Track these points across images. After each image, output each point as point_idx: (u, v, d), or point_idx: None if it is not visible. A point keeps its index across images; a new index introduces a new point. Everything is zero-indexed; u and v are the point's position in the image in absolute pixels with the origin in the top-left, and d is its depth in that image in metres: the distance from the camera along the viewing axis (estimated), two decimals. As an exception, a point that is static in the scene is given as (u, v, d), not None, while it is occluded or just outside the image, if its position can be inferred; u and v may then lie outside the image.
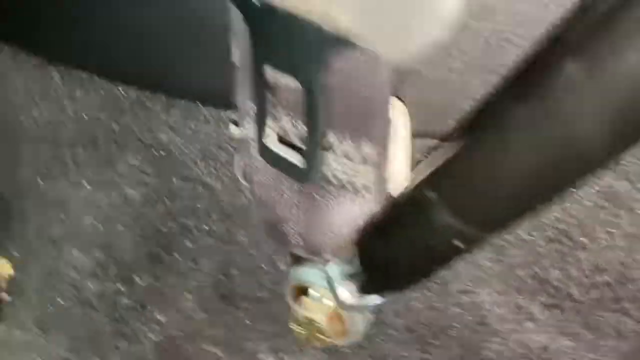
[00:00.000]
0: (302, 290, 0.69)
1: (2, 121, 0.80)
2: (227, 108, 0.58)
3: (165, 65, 0.55)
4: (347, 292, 0.59)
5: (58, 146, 0.77)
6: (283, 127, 0.47)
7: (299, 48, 0.39)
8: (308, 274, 0.66)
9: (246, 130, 0.54)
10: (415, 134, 0.53)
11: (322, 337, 0.64)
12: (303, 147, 0.47)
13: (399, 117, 0.50)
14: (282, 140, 0.48)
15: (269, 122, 0.46)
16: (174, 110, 0.67)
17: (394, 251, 0.49)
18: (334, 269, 0.60)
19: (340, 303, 0.59)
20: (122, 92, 0.68)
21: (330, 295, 0.65)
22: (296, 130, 0.46)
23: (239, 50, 0.48)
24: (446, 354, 0.67)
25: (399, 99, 0.50)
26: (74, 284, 0.71)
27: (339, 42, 0.36)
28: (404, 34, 0.33)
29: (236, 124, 0.55)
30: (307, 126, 0.44)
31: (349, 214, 0.55)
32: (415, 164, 0.53)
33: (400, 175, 0.53)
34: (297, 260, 0.69)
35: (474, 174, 0.39)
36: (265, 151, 0.49)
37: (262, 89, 0.45)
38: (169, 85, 0.61)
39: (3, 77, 0.76)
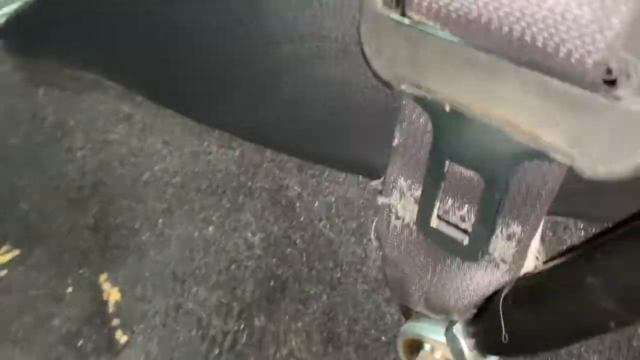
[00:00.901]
0: (414, 344, 0.75)
1: (132, 164, 0.88)
2: (363, 175, 0.65)
3: (324, 138, 0.63)
4: (470, 352, 0.64)
5: (184, 191, 0.85)
6: (446, 209, 0.53)
7: (486, 152, 0.44)
8: (426, 329, 0.72)
9: (391, 200, 0.60)
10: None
11: (434, 387, 0.69)
12: (466, 227, 0.52)
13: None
14: (441, 218, 0.54)
15: (435, 205, 0.52)
16: (306, 170, 0.74)
17: (531, 324, 0.54)
18: (459, 329, 0.65)
19: (460, 358, 0.65)
20: (259, 150, 0.76)
21: (446, 351, 0.71)
22: (460, 212, 0.52)
23: (403, 136, 0.55)
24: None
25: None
26: (199, 320, 0.77)
27: (534, 153, 0.41)
28: (619, 158, 0.36)
29: (381, 192, 0.62)
30: (480, 212, 0.49)
31: (481, 282, 0.60)
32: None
33: (533, 250, 0.59)
34: (411, 314, 0.75)
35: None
36: (424, 228, 0.55)
37: (435, 176, 0.51)
38: (311, 153, 0.68)
39: (142, 130, 0.84)
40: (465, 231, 0.53)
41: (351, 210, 0.73)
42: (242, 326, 0.78)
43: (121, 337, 0.86)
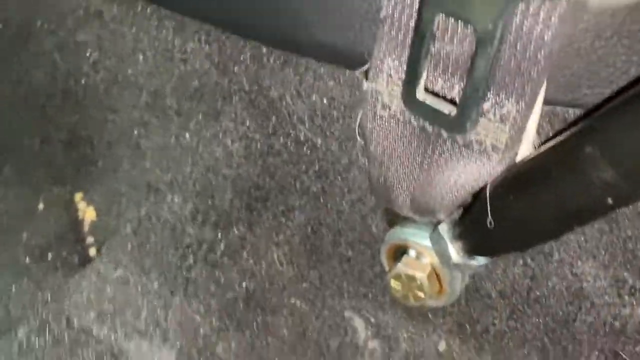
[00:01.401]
0: (399, 251, 0.71)
1: (104, 68, 0.82)
2: (347, 66, 0.60)
3: (293, 20, 0.57)
4: (456, 253, 0.61)
5: (161, 97, 0.79)
6: (432, 81, 0.49)
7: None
8: (411, 233, 0.68)
9: (377, 85, 0.55)
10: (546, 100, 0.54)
11: (419, 294, 0.66)
12: (451, 98, 0.48)
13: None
14: (428, 91, 0.50)
15: (422, 74, 0.48)
16: (288, 67, 0.68)
17: (527, 208, 0.50)
18: (444, 229, 0.61)
19: (446, 262, 0.61)
20: (237, 48, 0.70)
21: (431, 254, 0.67)
22: (447, 84, 0.48)
23: (391, 5, 0.50)
24: (536, 323, 0.68)
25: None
26: (173, 229, 0.73)
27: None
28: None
29: (367, 78, 0.57)
30: (468, 76, 0.45)
31: (470, 175, 0.56)
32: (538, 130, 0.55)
33: (528, 139, 0.55)
34: (396, 220, 0.71)
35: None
36: (410, 101, 0.50)
37: (421, 41, 0.47)
38: (292, 40, 0.62)
39: (114, 28, 0.78)
40: (453, 103, 0.49)
41: (337, 111, 0.68)
42: (219, 235, 0.74)
43: (95, 254, 0.82)
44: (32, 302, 0.71)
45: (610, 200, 0.44)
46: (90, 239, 0.91)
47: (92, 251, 0.85)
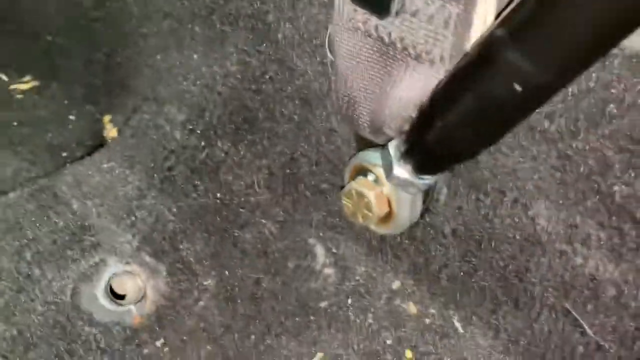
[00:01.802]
0: (360, 172, 0.72)
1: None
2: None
3: None
4: (402, 170, 0.61)
5: (180, 22, 0.87)
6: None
7: None
8: (369, 155, 0.70)
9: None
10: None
11: (367, 213, 0.66)
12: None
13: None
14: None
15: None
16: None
17: (454, 111, 0.50)
18: (393, 146, 0.62)
19: (392, 177, 0.62)
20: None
21: (386, 180, 0.68)
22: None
23: None
24: (488, 267, 0.66)
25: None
26: (164, 133, 0.79)
27: None
28: None
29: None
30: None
31: (420, 87, 0.58)
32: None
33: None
34: (363, 145, 0.73)
35: (547, 13, 0.40)
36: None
37: None
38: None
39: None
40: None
41: (321, 34, 0.72)
42: (202, 144, 0.79)
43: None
44: (29, 178, 0.80)
45: (518, 87, 0.43)
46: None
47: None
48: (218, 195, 0.78)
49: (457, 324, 0.69)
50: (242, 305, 0.72)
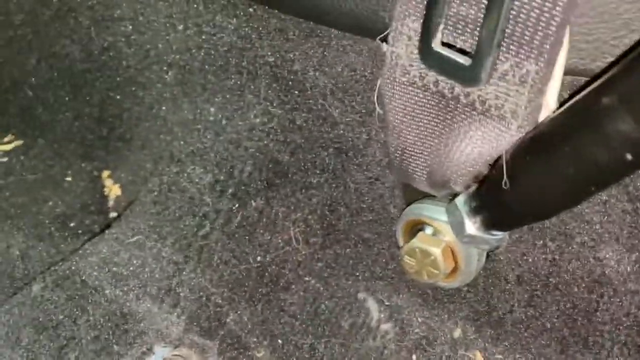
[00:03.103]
0: (416, 227, 0.70)
1: (136, 45, 0.85)
2: (370, 35, 0.60)
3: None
4: (471, 225, 0.59)
5: (188, 72, 0.81)
6: (449, 39, 0.48)
7: None
8: (427, 209, 0.67)
9: (397, 48, 0.55)
10: (568, 70, 0.53)
11: (433, 271, 0.64)
12: (468, 50, 0.48)
13: (565, 42, 0.50)
14: (445, 44, 0.49)
15: (439, 25, 0.48)
16: (312, 39, 0.69)
17: (545, 173, 0.48)
18: (461, 201, 0.60)
19: (463, 235, 0.59)
20: (263, 19, 0.71)
21: (447, 232, 0.66)
22: (464, 44, 0.48)
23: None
24: (555, 311, 0.66)
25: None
26: (192, 198, 0.74)
27: None
28: None
29: (385, 41, 0.57)
30: (483, 23, 0.45)
31: (488, 143, 0.55)
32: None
33: (548, 108, 0.53)
34: (412, 198, 0.70)
35: None
36: (427, 53, 0.50)
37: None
38: (314, 8, 0.63)
39: (147, 2, 0.80)
40: (468, 54, 0.48)
41: (358, 84, 0.68)
42: (236, 206, 0.74)
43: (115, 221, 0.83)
44: (49, 262, 0.73)
45: (629, 156, 0.42)
46: (113, 213, 0.93)
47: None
48: (257, 258, 0.74)
49: (526, 368, 0.69)
50: (302, 375, 0.68)
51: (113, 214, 0.92)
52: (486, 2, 0.45)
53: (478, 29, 0.47)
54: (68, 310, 0.65)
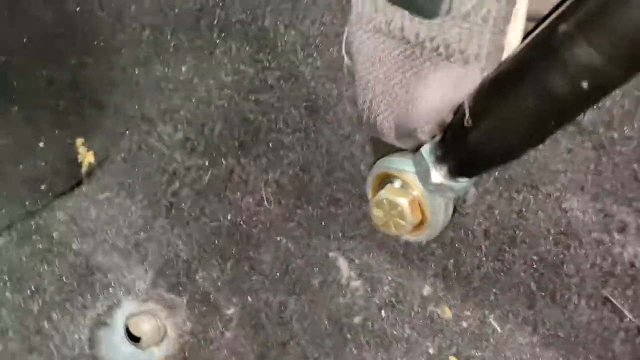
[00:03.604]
0: (385, 180, 0.70)
1: (108, 7, 0.84)
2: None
3: None
4: (437, 173, 0.59)
5: (161, 32, 0.80)
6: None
7: None
8: (396, 162, 0.67)
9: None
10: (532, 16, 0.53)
11: (400, 222, 0.64)
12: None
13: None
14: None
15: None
16: (282, -6, 0.69)
17: (507, 110, 0.48)
18: (426, 150, 0.60)
19: (429, 183, 0.59)
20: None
21: (415, 184, 0.66)
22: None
23: None
24: (522, 263, 0.66)
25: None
26: (162, 154, 0.73)
27: None
28: None
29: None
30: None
31: (452, 88, 0.55)
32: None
33: (512, 47, 0.53)
34: (383, 154, 0.70)
35: (618, 4, 0.38)
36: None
37: None
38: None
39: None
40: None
41: (328, 38, 0.68)
42: (206, 163, 0.73)
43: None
44: (17, 217, 0.72)
45: (585, 84, 0.42)
46: (87, 180, 0.92)
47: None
48: (228, 216, 0.73)
49: (494, 324, 0.69)
50: (272, 331, 0.68)
51: (86, 181, 0.92)
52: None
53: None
54: (32, 263, 0.64)
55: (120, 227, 0.68)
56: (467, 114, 0.51)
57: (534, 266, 0.66)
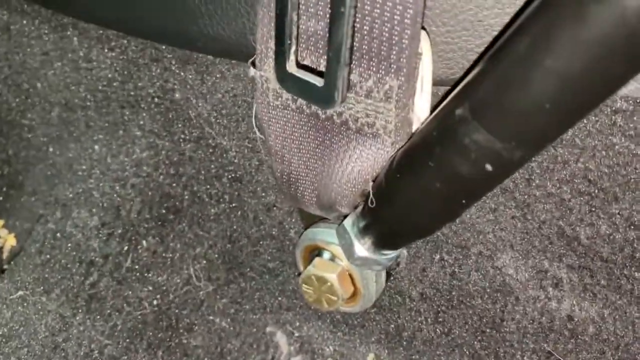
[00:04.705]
0: (314, 252, 0.67)
1: (15, 86, 0.79)
2: (241, 59, 0.57)
3: (181, 14, 0.55)
4: (361, 247, 0.57)
5: (70, 110, 0.76)
6: (304, 58, 0.46)
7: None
8: (322, 233, 0.64)
9: (265, 73, 0.53)
10: (436, 81, 0.52)
11: (332, 297, 0.61)
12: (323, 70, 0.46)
13: (426, 54, 0.48)
14: (301, 66, 0.47)
15: (290, 47, 0.45)
16: (189, 66, 0.66)
17: (416, 189, 0.46)
18: (349, 223, 0.57)
19: (354, 258, 0.57)
20: (138, 50, 0.67)
21: (343, 255, 0.63)
22: (317, 61, 0.46)
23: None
24: (463, 325, 0.64)
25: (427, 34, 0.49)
26: (78, 244, 0.69)
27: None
28: None
29: (254, 65, 0.54)
30: (330, 46, 0.42)
31: (367, 161, 0.53)
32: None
33: (420, 121, 0.51)
34: (310, 221, 0.67)
35: (506, 89, 0.37)
36: (284, 77, 0.48)
37: (283, 13, 0.44)
38: (184, 36, 0.60)
39: (21, 41, 0.76)
40: (321, 75, 0.46)
41: (241, 109, 0.65)
42: (125, 248, 0.69)
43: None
44: None
45: (489, 167, 0.40)
46: (7, 266, 0.86)
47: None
48: (154, 302, 0.69)
49: (441, 387, 0.66)
50: (211, 423, 0.64)
51: (7, 267, 0.86)
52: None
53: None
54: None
55: (36, 330, 0.63)
56: (371, 194, 0.49)
57: (475, 326, 0.64)
